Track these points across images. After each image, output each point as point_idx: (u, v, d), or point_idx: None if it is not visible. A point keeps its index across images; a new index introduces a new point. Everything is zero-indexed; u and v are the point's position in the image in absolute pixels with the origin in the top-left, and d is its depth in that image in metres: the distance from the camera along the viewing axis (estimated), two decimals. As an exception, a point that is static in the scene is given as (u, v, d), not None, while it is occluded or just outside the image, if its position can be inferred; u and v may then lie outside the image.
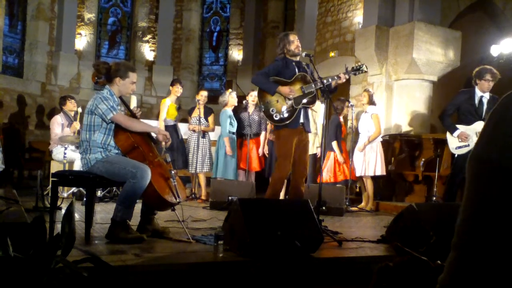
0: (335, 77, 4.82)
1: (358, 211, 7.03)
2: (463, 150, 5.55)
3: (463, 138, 5.52)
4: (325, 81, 4.80)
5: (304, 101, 4.81)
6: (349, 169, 7.22)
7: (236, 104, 7.66)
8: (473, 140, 5.48)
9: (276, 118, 4.80)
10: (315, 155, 7.48)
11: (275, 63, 4.98)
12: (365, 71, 5.07)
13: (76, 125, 6.92)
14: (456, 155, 5.66)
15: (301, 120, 4.87)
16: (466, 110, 5.58)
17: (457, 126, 5.62)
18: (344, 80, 4.87)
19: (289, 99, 4.78)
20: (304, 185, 4.98)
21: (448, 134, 5.71)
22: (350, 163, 7.19)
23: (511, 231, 0.69)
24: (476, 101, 5.55)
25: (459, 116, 5.74)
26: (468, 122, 5.56)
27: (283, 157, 4.89)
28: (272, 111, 4.80)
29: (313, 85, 4.82)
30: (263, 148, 7.50)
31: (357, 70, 4.99)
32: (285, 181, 7.23)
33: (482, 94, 5.56)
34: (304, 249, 3.34)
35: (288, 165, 4.86)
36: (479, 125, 5.48)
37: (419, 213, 3.84)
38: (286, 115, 4.79)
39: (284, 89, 4.75)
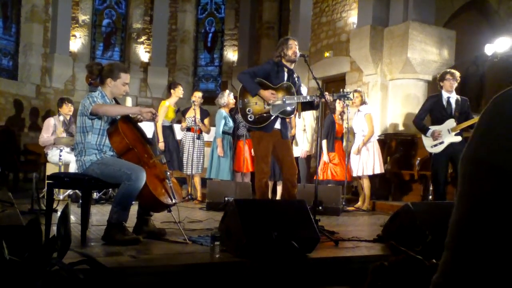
0: (319, 96, 4.78)
1: (354, 211, 7.04)
2: (439, 148, 5.82)
3: (436, 137, 5.81)
4: (308, 97, 4.80)
5: (282, 111, 4.81)
6: (343, 169, 7.23)
7: (233, 106, 7.66)
8: (445, 137, 5.79)
9: (250, 119, 4.80)
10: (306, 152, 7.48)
11: (266, 65, 4.96)
12: (351, 99, 5.17)
13: (59, 133, 6.89)
14: (432, 154, 5.91)
15: (278, 127, 4.87)
16: (437, 112, 5.95)
17: (430, 127, 5.93)
18: (327, 101, 4.85)
19: (268, 105, 4.77)
20: (296, 187, 4.97)
21: (423, 136, 6.01)
22: (346, 163, 7.19)
23: (504, 231, 0.69)
24: (444, 102, 5.91)
25: (431, 118, 6.09)
26: (440, 122, 5.89)
27: (258, 159, 4.91)
28: (249, 111, 4.80)
29: (295, 98, 4.81)
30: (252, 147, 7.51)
31: (343, 96, 5.02)
32: (281, 182, 7.29)
33: (449, 95, 5.92)
34: (301, 249, 3.34)
35: (265, 167, 4.87)
36: (450, 122, 5.82)
37: (415, 213, 3.85)
38: (260, 119, 4.78)
39: (265, 93, 4.73)
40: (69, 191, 6.50)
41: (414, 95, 8.48)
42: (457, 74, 5.94)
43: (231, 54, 14.08)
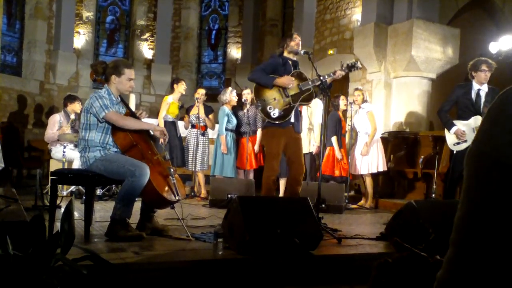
0: (331, 74, 4.84)
1: (357, 209, 7.03)
2: (461, 147, 5.49)
3: (460, 135, 5.46)
4: (321, 77, 4.80)
5: (301, 98, 4.82)
6: (347, 166, 7.23)
7: (236, 103, 7.67)
8: (470, 136, 5.42)
9: (274, 116, 4.81)
10: (311, 152, 7.47)
11: (271, 60, 4.98)
12: (360, 68, 5.04)
13: (66, 128, 6.87)
14: (454, 152, 5.60)
15: (292, 120, 4.88)
16: (464, 105, 5.51)
17: (455, 122, 5.55)
18: (339, 77, 4.88)
19: (287, 96, 4.78)
20: (300, 185, 4.98)
21: (446, 131, 5.66)
22: (349, 161, 7.19)
23: (509, 226, 0.69)
24: (473, 95, 5.47)
25: (457, 111, 5.67)
26: (466, 117, 5.49)
27: (270, 156, 4.93)
28: (270, 108, 4.81)
29: (309, 82, 4.83)
30: (259, 145, 7.50)
31: (352, 67, 4.97)
32: (285, 179, 7.28)
33: (480, 87, 5.48)
34: (304, 246, 3.34)
35: (275, 165, 4.89)
36: (476, 120, 5.43)
37: (418, 210, 3.84)
38: (283, 112, 4.80)
39: (282, 80, 4.76)
40: (73, 187, 6.51)
41: (418, 93, 8.46)
42: (494, 64, 5.50)
43: (235, 51, 14.06)
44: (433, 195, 6.85)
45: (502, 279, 0.69)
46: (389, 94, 8.71)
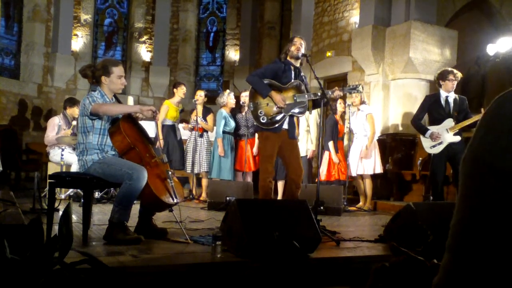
0: (329, 92, 4.80)
1: (356, 211, 7.03)
2: (438, 149, 5.73)
3: (435, 138, 5.71)
4: (319, 93, 4.80)
5: (294, 110, 4.81)
6: (345, 169, 7.23)
7: (234, 106, 7.66)
8: (444, 137, 5.68)
9: (262, 121, 4.80)
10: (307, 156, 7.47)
11: (274, 65, 4.97)
12: (361, 92, 5.10)
13: (68, 132, 6.85)
14: (432, 155, 5.83)
15: (286, 127, 4.87)
16: (435, 112, 5.86)
17: (428, 127, 5.84)
18: (337, 97, 4.92)
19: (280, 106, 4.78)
20: (300, 188, 4.97)
21: (421, 137, 5.93)
22: (347, 163, 7.20)
23: (506, 232, 0.69)
24: (443, 102, 5.81)
25: (430, 118, 6.03)
26: (438, 122, 5.79)
27: (263, 159, 4.92)
28: (260, 113, 4.79)
29: (306, 96, 4.82)
30: (258, 147, 7.50)
31: (353, 89, 5.03)
32: (284, 181, 7.28)
33: (447, 94, 5.81)
34: (302, 249, 3.34)
35: (270, 167, 4.87)
36: (448, 122, 5.72)
37: (416, 212, 3.85)
38: (272, 120, 4.79)
39: (276, 97, 4.73)
40: (71, 191, 6.50)
41: (415, 95, 8.46)
42: (459, 74, 5.86)
43: (233, 54, 14.07)
44: (431, 197, 6.85)
45: (499, 285, 0.69)
46: (387, 96, 8.72)
